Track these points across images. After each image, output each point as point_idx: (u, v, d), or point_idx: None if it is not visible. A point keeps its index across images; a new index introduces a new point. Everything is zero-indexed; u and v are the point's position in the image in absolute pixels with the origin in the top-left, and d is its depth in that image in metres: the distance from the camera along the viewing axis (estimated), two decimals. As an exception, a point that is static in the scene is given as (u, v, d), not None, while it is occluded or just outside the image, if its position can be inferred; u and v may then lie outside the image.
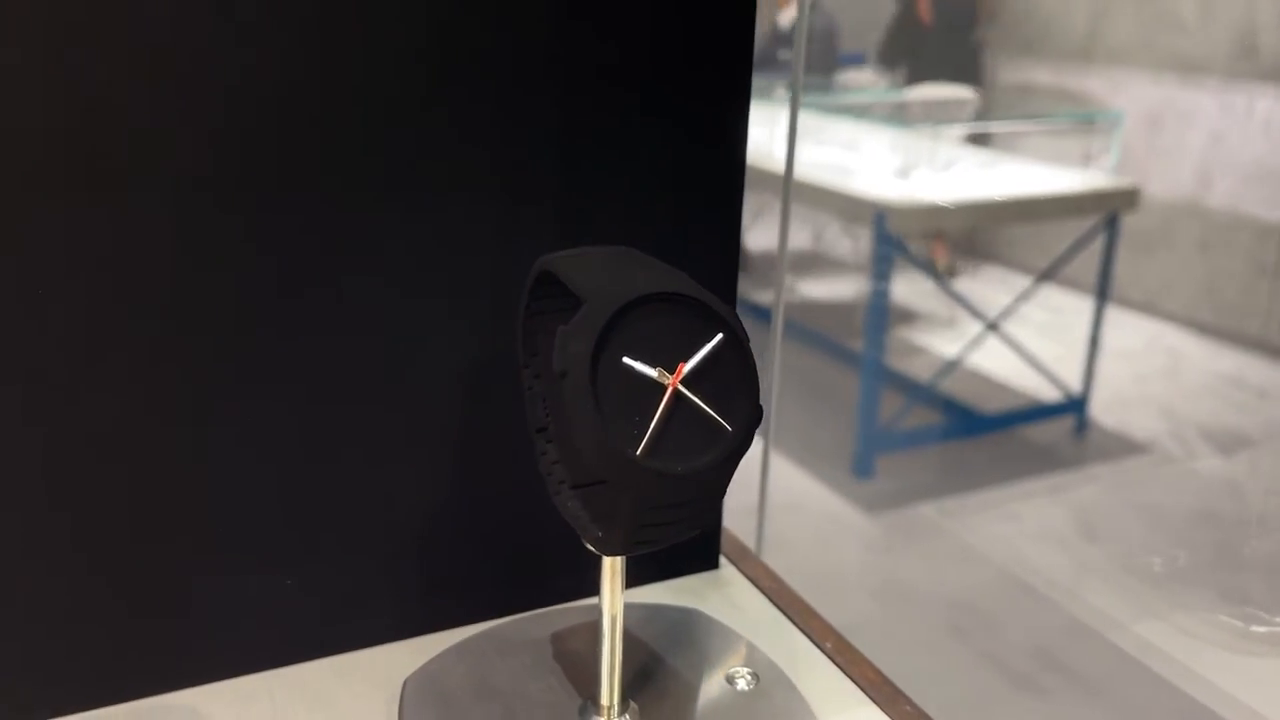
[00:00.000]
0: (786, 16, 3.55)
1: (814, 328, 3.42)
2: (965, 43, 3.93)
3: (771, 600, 0.57)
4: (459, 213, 0.47)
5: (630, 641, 0.51)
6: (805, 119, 3.28)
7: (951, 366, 2.81)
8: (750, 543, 0.63)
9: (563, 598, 0.54)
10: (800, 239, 4.13)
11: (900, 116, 3.51)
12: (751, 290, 3.76)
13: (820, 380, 3.05)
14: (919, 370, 2.97)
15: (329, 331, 0.46)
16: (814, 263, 4.10)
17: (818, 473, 2.49)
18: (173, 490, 0.45)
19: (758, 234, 4.03)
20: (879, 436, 2.54)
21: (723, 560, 0.60)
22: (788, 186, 0.81)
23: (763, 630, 0.54)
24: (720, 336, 0.39)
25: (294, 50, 0.43)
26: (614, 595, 0.44)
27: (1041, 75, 3.88)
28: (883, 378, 2.71)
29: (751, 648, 0.51)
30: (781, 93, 3.60)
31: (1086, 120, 3.53)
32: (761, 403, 0.40)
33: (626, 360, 0.37)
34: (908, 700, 0.50)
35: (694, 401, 0.38)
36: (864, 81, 4.13)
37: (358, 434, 0.48)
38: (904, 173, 2.69)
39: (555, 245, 0.45)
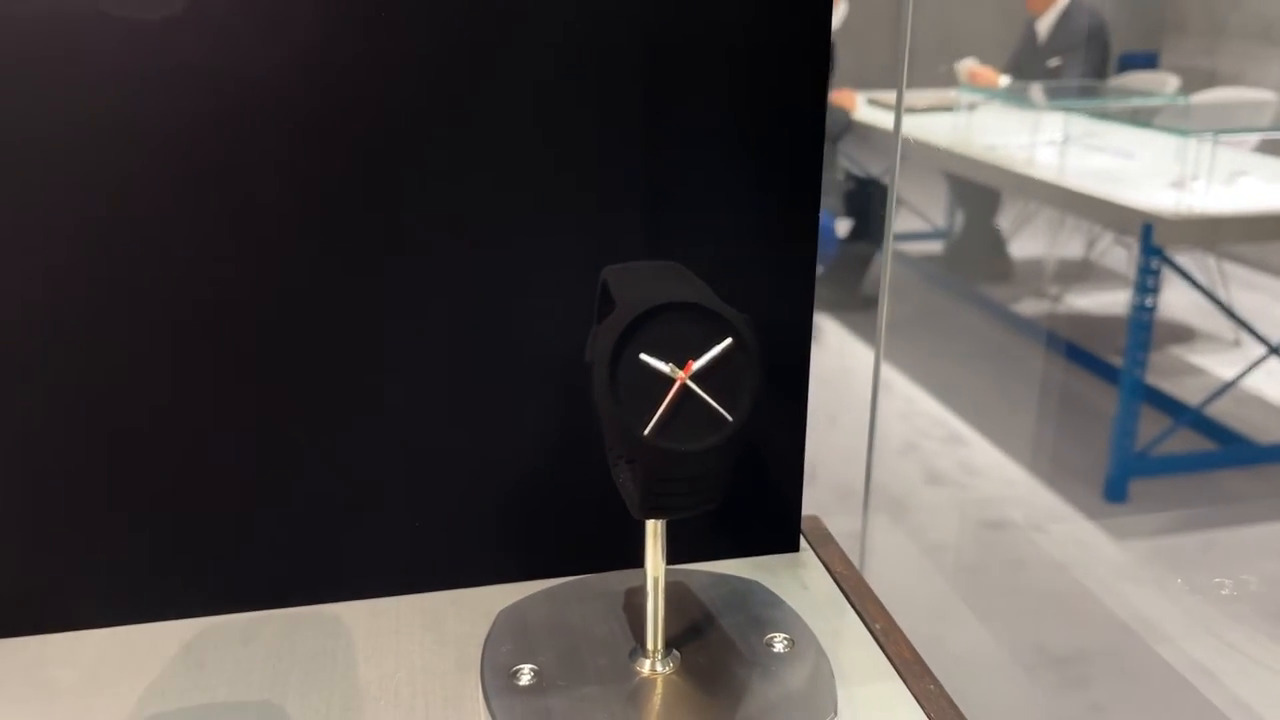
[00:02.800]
0: (1045, 24, 3.41)
1: (1078, 341, 3.27)
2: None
3: (838, 583, 0.63)
4: (561, 231, 0.57)
5: (690, 601, 0.59)
6: (1076, 123, 3.15)
7: (1225, 389, 2.62)
8: (855, 557, 0.68)
9: (643, 562, 0.62)
10: (1072, 248, 3.94)
11: (1186, 121, 3.28)
12: (1012, 300, 3.65)
13: (1080, 396, 2.93)
14: (1190, 392, 2.79)
15: (457, 328, 0.57)
16: (1085, 273, 3.90)
17: (1067, 493, 2.41)
18: (329, 450, 0.58)
19: (1023, 241, 3.89)
20: (1136, 459, 2.42)
21: (804, 545, 0.66)
22: (891, 199, 0.85)
23: (820, 608, 0.60)
24: (729, 341, 0.46)
25: (438, 104, 0.54)
26: (656, 557, 0.52)
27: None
28: (1145, 397, 2.57)
29: (796, 618, 0.57)
30: (1042, 97, 3.47)
31: None
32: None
33: (644, 356, 0.46)
34: (933, 679, 0.55)
35: (700, 394, 0.46)
36: (1153, 84, 3.88)
37: (476, 414, 0.59)
38: (1180, 183, 2.54)
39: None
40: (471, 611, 0.59)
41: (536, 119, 0.55)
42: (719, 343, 0.46)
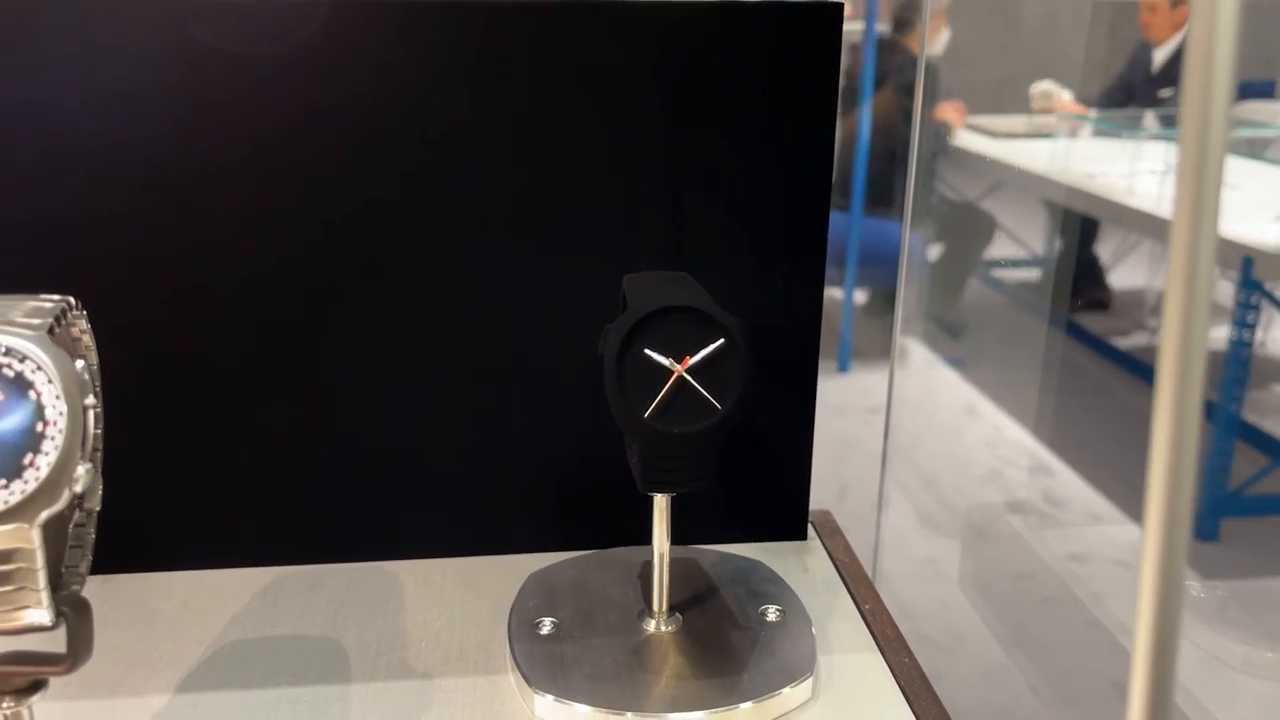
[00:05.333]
0: (1162, 53, 3.36)
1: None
2: None
3: (838, 569, 0.69)
4: (595, 244, 0.65)
5: (697, 574, 0.66)
6: (1171, 152, 3.11)
7: (1327, 429, 2.56)
8: (868, 566, 0.74)
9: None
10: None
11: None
12: (1110, 331, 3.60)
13: (1174, 431, 2.87)
14: (1292, 431, 2.72)
15: (504, 325, 0.66)
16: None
17: (1153, 529, 2.38)
18: (393, 435, 0.67)
19: (1123, 272, 3.84)
20: (1229, 498, 2.38)
21: (812, 535, 0.73)
22: (907, 212, 0.90)
23: (817, 588, 0.67)
24: (721, 341, 0.54)
25: (500, 141, 0.63)
26: (661, 530, 0.59)
27: None
28: (1240, 434, 2.53)
29: (791, 594, 0.64)
30: (1154, 125, 3.43)
31: None
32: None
33: (647, 351, 0.54)
34: (909, 654, 0.61)
35: (694, 386, 0.53)
36: (1268, 114, 3.79)
37: (516, 403, 0.67)
38: (1286, 217, 2.50)
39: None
40: (507, 574, 0.67)
41: (573, 151, 0.64)
42: (713, 342, 0.54)
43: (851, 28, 3.15)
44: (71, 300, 0.44)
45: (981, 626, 1.89)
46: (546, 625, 0.61)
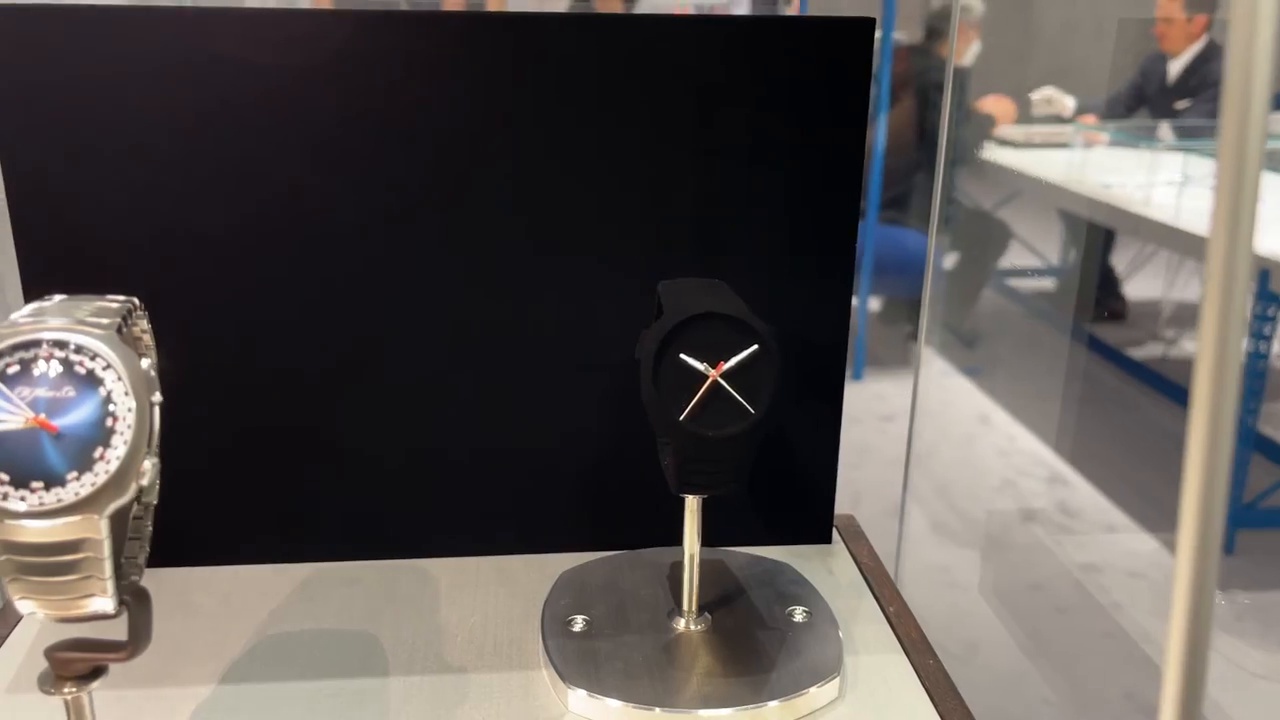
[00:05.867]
0: (1178, 65, 3.37)
1: (1189, 386, 3.20)
2: None
3: (863, 572, 0.70)
4: (629, 254, 0.67)
5: (725, 575, 0.67)
6: (1197, 164, 3.11)
7: (1346, 443, 2.56)
8: (890, 567, 0.75)
9: (696, 543, 0.71)
10: (1191, 291, 3.87)
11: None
12: (1125, 342, 3.59)
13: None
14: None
15: (545, 331, 0.68)
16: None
17: (1169, 541, 2.39)
18: (431, 436, 0.69)
19: (1140, 282, 3.84)
20: (1244, 510, 2.38)
21: (836, 538, 0.74)
22: (946, 227, 0.91)
23: (842, 590, 0.68)
24: (755, 347, 0.55)
25: (551, 158, 0.64)
26: (692, 531, 0.61)
27: None
28: (1256, 447, 2.53)
29: (817, 595, 0.65)
30: (1170, 137, 3.43)
31: None
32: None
33: (683, 356, 0.55)
34: (934, 656, 0.62)
35: (728, 390, 0.55)
36: (1288, 126, 3.78)
37: (550, 407, 0.69)
38: (1309, 231, 2.49)
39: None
40: (539, 572, 0.69)
41: (609, 160, 0.65)
42: (747, 348, 0.55)
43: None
44: (136, 301, 0.45)
45: (995, 635, 1.90)
46: (579, 622, 0.62)
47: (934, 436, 2.86)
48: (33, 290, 0.64)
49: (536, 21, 0.64)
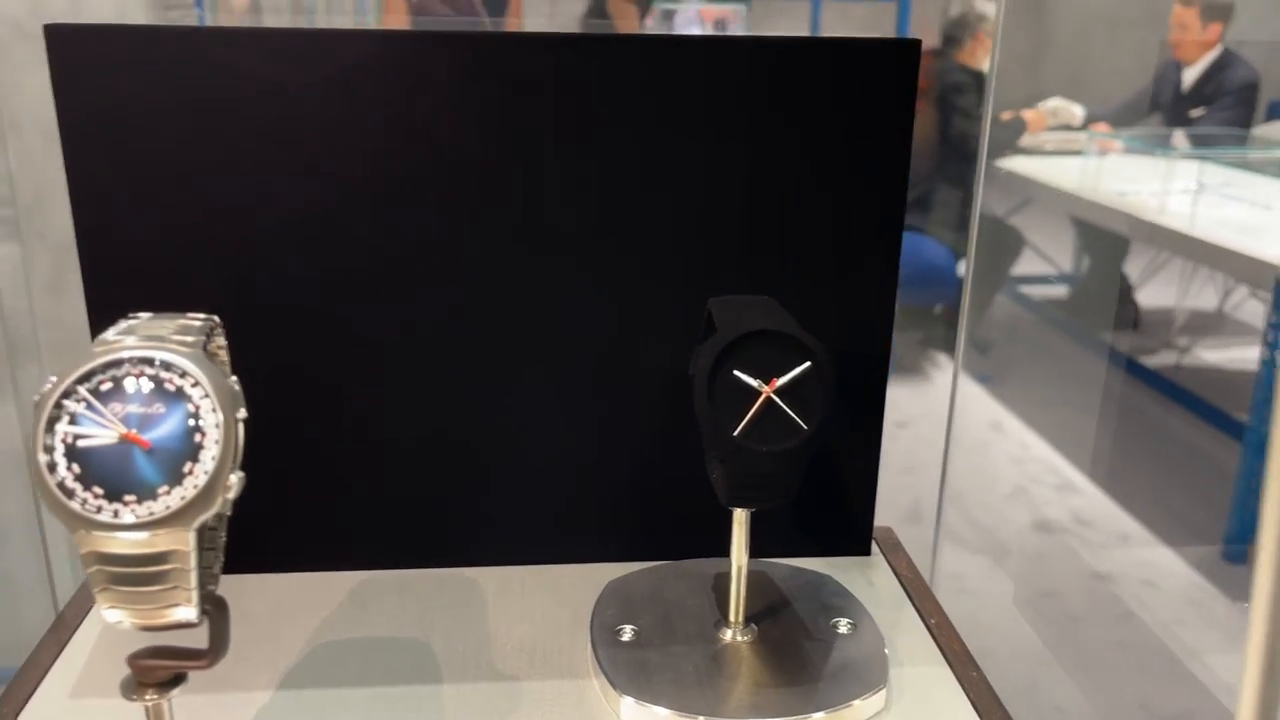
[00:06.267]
0: (1192, 73, 3.38)
1: (1205, 395, 3.21)
2: None
3: (902, 584, 0.72)
4: (678, 271, 0.68)
5: (770, 587, 0.69)
6: (1212, 172, 3.11)
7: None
8: (926, 574, 0.77)
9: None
10: (1205, 299, 3.87)
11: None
12: (1139, 350, 3.60)
13: (1203, 452, 2.88)
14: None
15: (594, 346, 0.69)
16: (1218, 326, 3.82)
17: (1183, 551, 2.39)
18: (483, 449, 0.70)
19: (1152, 290, 3.84)
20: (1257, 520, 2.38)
21: (875, 550, 0.75)
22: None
23: (883, 601, 0.69)
24: (808, 364, 0.56)
25: (608, 184, 0.66)
26: (740, 543, 0.62)
27: None
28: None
29: (860, 607, 0.67)
30: (1185, 145, 3.43)
31: None
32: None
33: (736, 372, 0.56)
34: (977, 668, 0.63)
35: (781, 407, 0.56)
36: (1300, 136, 3.79)
37: (600, 419, 0.70)
38: (1320, 237, 2.50)
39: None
40: (586, 582, 0.70)
41: (659, 179, 0.67)
42: (800, 365, 0.56)
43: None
44: (216, 319, 0.47)
45: (1007, 643, 1.90)
46: (627, 632, 0.64)
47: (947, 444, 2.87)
48: (98, 309, 0.65)
49: (591, 42, 0.65)
